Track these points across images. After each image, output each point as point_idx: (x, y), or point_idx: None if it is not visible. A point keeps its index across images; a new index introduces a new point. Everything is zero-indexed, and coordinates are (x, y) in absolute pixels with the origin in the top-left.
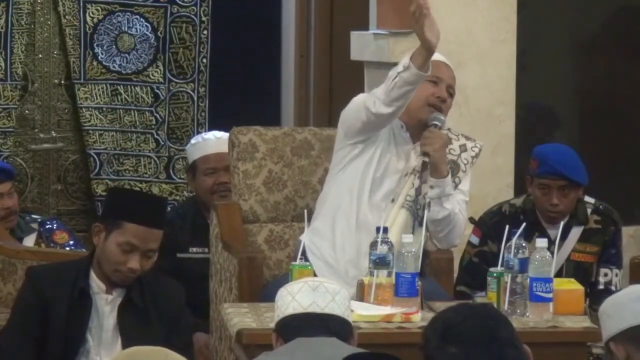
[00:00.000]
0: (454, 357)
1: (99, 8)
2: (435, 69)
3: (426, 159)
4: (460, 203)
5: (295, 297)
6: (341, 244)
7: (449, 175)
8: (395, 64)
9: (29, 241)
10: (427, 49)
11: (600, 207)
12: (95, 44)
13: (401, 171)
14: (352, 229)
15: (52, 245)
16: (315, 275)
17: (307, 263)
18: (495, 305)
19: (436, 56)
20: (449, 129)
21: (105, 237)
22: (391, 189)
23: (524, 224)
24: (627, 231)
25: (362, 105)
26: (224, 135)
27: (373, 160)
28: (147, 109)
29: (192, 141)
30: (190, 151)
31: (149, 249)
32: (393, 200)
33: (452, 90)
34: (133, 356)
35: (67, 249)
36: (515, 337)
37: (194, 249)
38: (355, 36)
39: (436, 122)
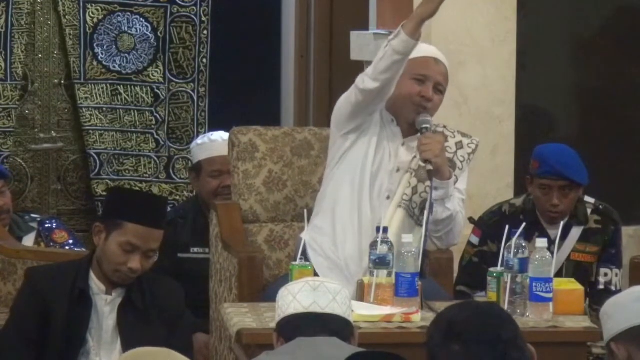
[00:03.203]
0: (457, 356)
1: (99, 8)
2: (423, 66)
3: (430, 167)
4: (459, 202)
5: (296, 297)
6: (342, 240)
7: (452, 177)
8: None
9: (29, 240)
10: (425, 19)
11: (600, 207)
12: (95, 44)
13: (392, 167)
14: (355, 224)
15: (51, 244)
16: (315, 274)
17: (307, 263)
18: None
19: (426, 51)
20: (444, 127)
21: (105, 237)
22: (384, 185)
23: (524, 224)
24: (627, 231)
25: (352, 88)
26: None
27: (369, 155)
28: (147, 109)
29: (198, 141)
30: (196, 151)
31: (150, 248)
32: (388, 198)
33: (441, 87)
34: (137, 357)
35: (67, 248)
36: (519, 337)
37: (195, 249)
38: (355, 36)
39: (426, 126)
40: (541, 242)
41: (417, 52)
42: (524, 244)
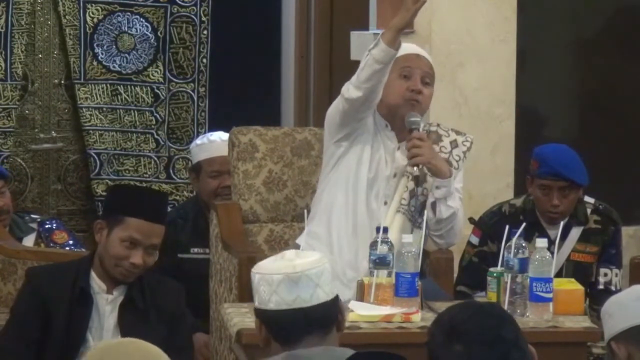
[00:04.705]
0: (459, 356)
1: (99, 8)
2: (405, 61)
3: (424, 171)
4: (458, 200)
5: (277, 291)
6: (338, 246)
7: (452, 174)
8: None
9: (29, 241)
10: (401, 28)
11: (600, 207)
12: (95, 44)
13: (389, 172)
14: (349, 230)
15: (51, 245)
16: None
17: None
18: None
19: (408, 48)
20: (438, 125)
21: (107, 234)
22: (381, 191)
23: (524, 224)
24: (627, 231)
25: (339, 97)
26: None
27: (363, 162)
28: (147, 109)
29: (198, 141)
30: (195, 152)
31: (152, 244)
32: (386, 203)
33: (428, 79)
34: (107, 351)
35: (67, 248)
36: (520, 338)
37: (195, 250)
38: (355, 36)
39: (414, 126)
40: (541, 242)
41: (399, 51)
42: (524, 244)
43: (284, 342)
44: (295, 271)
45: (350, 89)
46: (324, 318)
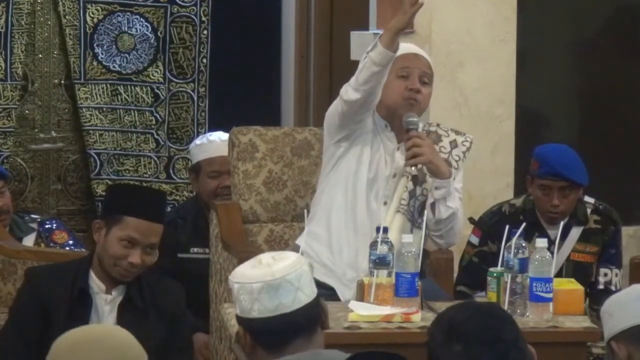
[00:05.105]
0: (458, 356)
1: (99, 8)
2: (403, 61)
3: (422, 171)
4: (457, 201)
5: (258, 299)
6: (338, 247)
7: (452, 175)
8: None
9: (29, 241)
10: (400, 30)
11: (600, 207)
12: (95, 44)
13: (389, 172)
14: (350, 231)
15: (51, 245)
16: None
17: None
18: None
19: (405, 48)
20: (438, 125)
21: (106, 233)
22: (380, 191)
23: (523, 224)
24: (627, 231)
25: (338, 98)
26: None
27: (363, 162)
28: (147, 109)
29: (197, 142)
30: (195, 152)
31: (150, 243)
32: (385, 204)
33: (426, 79)
34: (80, 344)
35: (67, 248)
36: (519, 338)
37: (195, 249)
38: (355, 36)
39: (412, 127)
40: (541, 242)
41: (398, 51)
42: (524, 244)
43: (271, 349)
44: (275, 278)
45: (349, 91)
46: (308, 320)
